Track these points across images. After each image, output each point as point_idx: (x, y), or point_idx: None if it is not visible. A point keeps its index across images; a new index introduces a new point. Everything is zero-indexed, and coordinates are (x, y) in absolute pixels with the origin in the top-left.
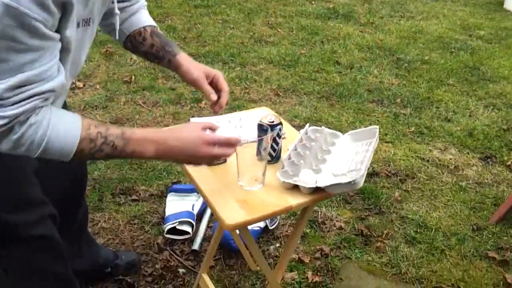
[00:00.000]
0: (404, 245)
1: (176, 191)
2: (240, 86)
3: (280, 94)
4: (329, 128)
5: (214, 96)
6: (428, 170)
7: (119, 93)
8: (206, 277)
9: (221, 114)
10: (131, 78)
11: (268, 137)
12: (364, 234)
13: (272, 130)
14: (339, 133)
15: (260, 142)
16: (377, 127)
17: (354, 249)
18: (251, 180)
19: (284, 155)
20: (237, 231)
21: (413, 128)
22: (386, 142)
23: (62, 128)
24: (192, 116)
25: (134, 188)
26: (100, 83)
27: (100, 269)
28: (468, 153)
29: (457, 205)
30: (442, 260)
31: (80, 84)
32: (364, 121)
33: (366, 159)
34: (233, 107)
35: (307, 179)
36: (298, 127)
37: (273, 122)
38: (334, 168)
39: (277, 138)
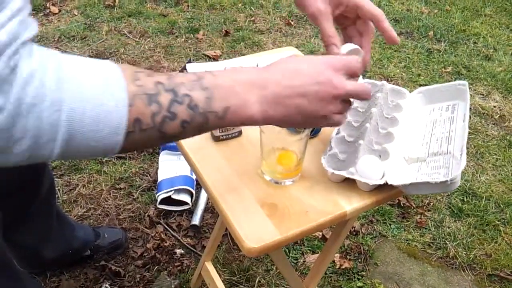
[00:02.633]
0: (450, 218)
1: (171, 148)
2: (244, 13)
3: (292, 23)
4: None
5: (335, 48)
6: (471, 121)
7: (100, 20)
8: (210, 266)
9: (225, 58)
10: (114, 1)
11: None
12: (401, 204)
13: None
14: (404, 91)
15: None
16: (466, 82)
17: (390, 225)
18: (280, 169)
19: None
20: None
21: (449, 68)
22: (420, 84)
23: (88, 83)
24: (188, 51)
25: None
26: (78, 7)
27: (77, 253)
28: None
29: (508, 165)
30: (496, 238)
31: (55, 9)
32: (393, 58)
33: (460, 138)
34: (236, 39)
35: (371, 170)
36: None
37: None
38: (405, 148)
39: None
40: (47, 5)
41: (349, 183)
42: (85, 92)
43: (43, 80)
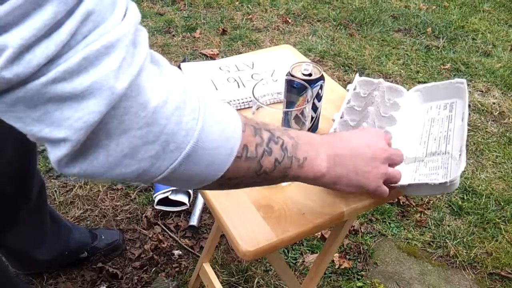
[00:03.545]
0: (450, 216)
1: None
2: (241, 11)
3: (290, 21)
4: (349, 64)
5: None
6: (470, 118)
7: None
8: (208, 267)
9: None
10: None
11: (306, 99)
12: (401, 203)
13: (308, 88)
14: (402, 88)
15: (289, 107)
16: (464, 80)
17: (390, 223)
18: None
19: (323, 126)
20: None
21: (448, 65)
22: (419, 82)
23: (215, 105)
24: (185, 50)
25: None
26: None
27: (74, 255)
28: None
29: (507, 162)
30: (496, 237)
31: None
32: (391, 55)
33: (459, 137)
34: (233, 38)
35: None
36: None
37: (310, 75)
38: (402, 147)
39: (316, 101)
40: None
41: None
42: (214, 108)
43: (184, 87)
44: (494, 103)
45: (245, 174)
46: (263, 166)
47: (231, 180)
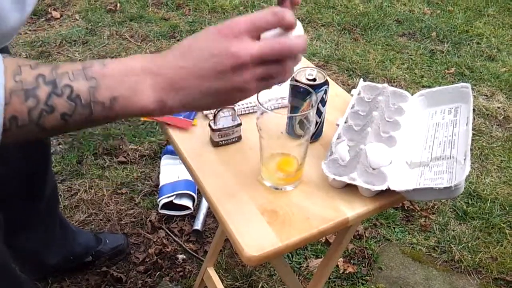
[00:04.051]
0: (455, 221)
1: (173, 152)
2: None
3: None
4: (354, 68)
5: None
6: (475, 122)
7: (102, 25)
8: (212, 271)
9: None
10: (116, 5)
11: (311, 104)
12: (405, 207)
13: (313, 93)
14: (406, 93)
15: (293, 112)
16: (468, 85)
17: (394, 228)
18: (280, 175)
19: (328, 131)
20: None
21: (453, 69)
22: (423, 86)
23: None
24: None
25: (121, 147)
26: (79, 12)
27: (78, 259)
28: None
29: None
30: (502, 242)
31: (57, 14)
32: (395, 59)
33: (463, 142)
34: None
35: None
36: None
37: (314, 80)
38: (407, 152)
39: (320, 106)
40: (49, 10)
41: (351, 188)
42: None
43: None
44: (498, 108)
45: (26, 136)
46: (45, 126)
47: (13, 143)
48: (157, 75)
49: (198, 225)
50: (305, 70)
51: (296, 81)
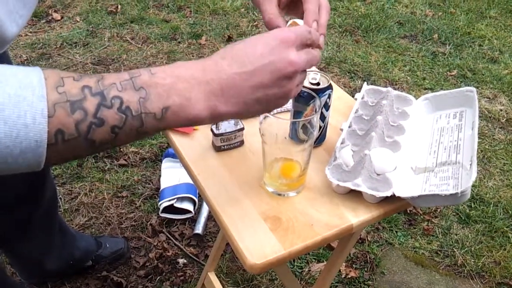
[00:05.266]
0: (457, 225)
1: (174, 155)
2: (247, 17)
3: None
4: (355, 71)
5: (274, 20)
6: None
7: (102, 27)
8: (213, 276)
9: None
10: (117, 7)
11: (315, 109)
12: (408, 211)
13: (316, 98)
14: (410, 97)
15: (296, 117)
16: (474, 89)
17: (397, 232)
18: (283, 180)
19: (331, 135)
20: None
21: (455, 71)
22: (425, 88)
23: (6, 93)
24: (191, 57)
25: (122, 150)
26: (80, 14)
27: (78, 264)
28: None
29: None
30: (505, 245)
31: (58, 16)
32: (397, 61)
33: (469, 147)
34: None
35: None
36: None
37: (318, 84)
38: (412, 157)
39: (323, 111)
40: (50, 11)
41: (355, 194)
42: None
43: None
44: (501, 110)
45: (74, 152)
46: (95, 140)
47: (62, 161)
48: (208, 82)
49: (199, 229)
50: (308, 74)
51: None
